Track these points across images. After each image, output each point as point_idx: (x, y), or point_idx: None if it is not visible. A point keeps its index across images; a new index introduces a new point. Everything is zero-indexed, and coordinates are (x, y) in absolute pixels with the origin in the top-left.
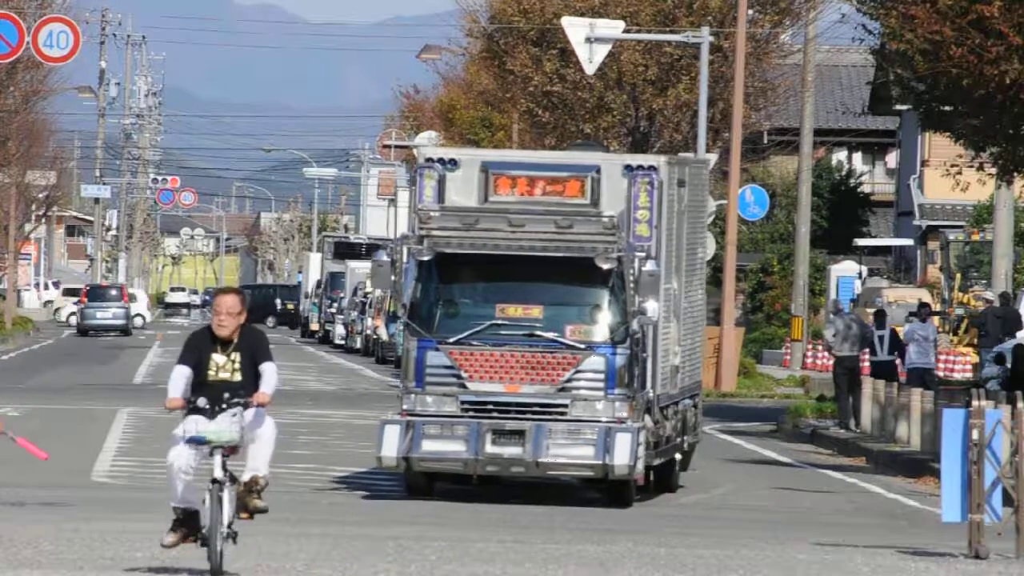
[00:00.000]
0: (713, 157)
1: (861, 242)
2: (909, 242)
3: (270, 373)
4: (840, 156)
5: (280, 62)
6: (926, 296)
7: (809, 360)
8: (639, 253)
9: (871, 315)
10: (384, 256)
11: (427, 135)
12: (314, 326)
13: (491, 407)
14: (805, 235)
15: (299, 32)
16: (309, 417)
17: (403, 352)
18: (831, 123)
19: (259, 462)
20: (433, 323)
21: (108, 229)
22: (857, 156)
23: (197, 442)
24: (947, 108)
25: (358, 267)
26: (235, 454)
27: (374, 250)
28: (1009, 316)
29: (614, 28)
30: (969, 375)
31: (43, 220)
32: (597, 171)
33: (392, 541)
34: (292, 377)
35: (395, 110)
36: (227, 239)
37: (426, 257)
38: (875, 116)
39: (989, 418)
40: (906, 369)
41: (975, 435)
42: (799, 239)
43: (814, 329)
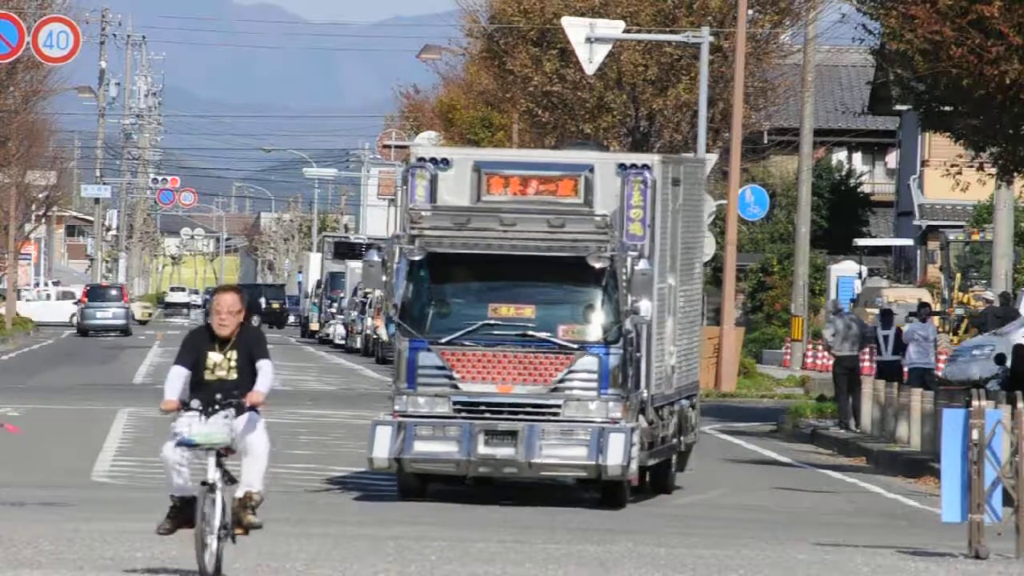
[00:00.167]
0: (713, 157)
1: (861, 242)
2: (909, 242)
3: (266, 372)
4: (840, 156)
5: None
6: (926, 296)
7: (809, 360)
8: (632, 252)
9: (871, 315)
10: (375, 256)
11: (427, 135)
12: (314, 326)
13: (483, 408)
14: (805, 235)
15: (299, 32)
16: (309, 417)
17: (395, 353)
18: (831, 123)
19: (253, 478)
20: (425, 323)
21: (108, 229)
22: (857, 156)
23: (187, 445)
24: (947, 108)
25: (358, 267)
26: (232, 453)
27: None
28: (1009, 316)
29: (614, 28)
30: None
31: (43, 220)
32: (590, 170)
33: (392, 541)
34: (292, 377)
35: (395, 110)
36: (227, 239)
37: (417, 257)
38: (875, 116)
39: (989, 418)
40: (906, 369)
41: (975, 435)
42: (799, 239)
43: (814, 329)
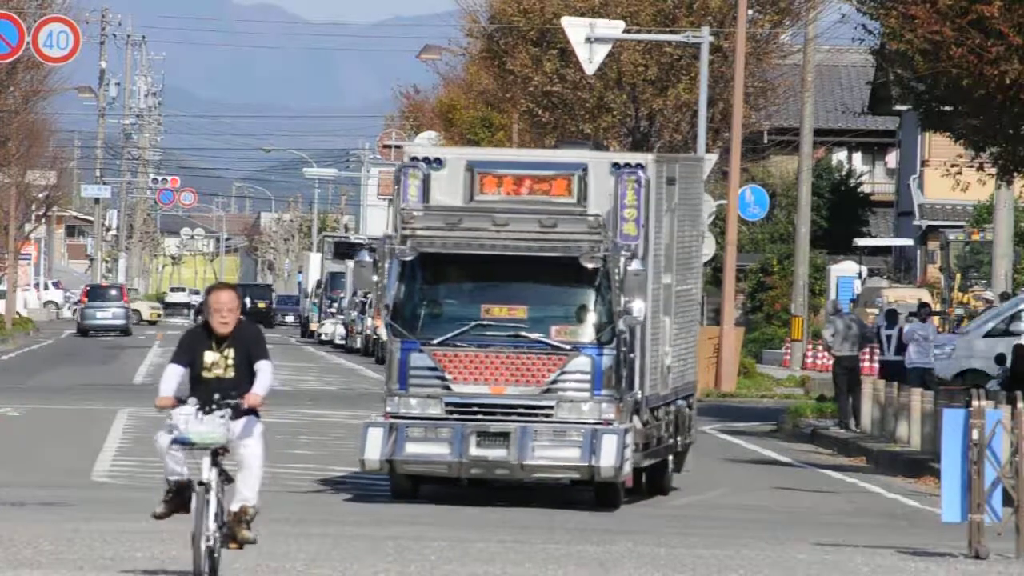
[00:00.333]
0: (713, 157)
1: (861, 242)
2: (909, 242)
3: (264, 373)
4: (840, 156)
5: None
6: (926, 296)
7: (809, 360)
8: (625, 252)
9: (871, 315)
10: (366, 256)
11: (427, 135)
12: (314, 326)
13: (475, 409)
14: (805, 235)
15: (299, 32)
16: (309, 417)
17: (386, 354)
18: (831, 123)
19: (248, 491)
20: (416, 324)
21: (108, 229)
22: (857, 156)
23: (183, 443)
24: (947, 108)
25: None
26: (228, 453)
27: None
28: None
29: (614, 28)
30: None
31: (43, 220)
32: (584, 170)
33: (392, 541)
34: (292, 377)
35: (395, 110)
36: (227, 239)
37: (409, 257)
38: (875, 116)
39: (989, 418)
40: (906, 369)
41: (975, 435)
42: (799, 239)
43: (814, 329)
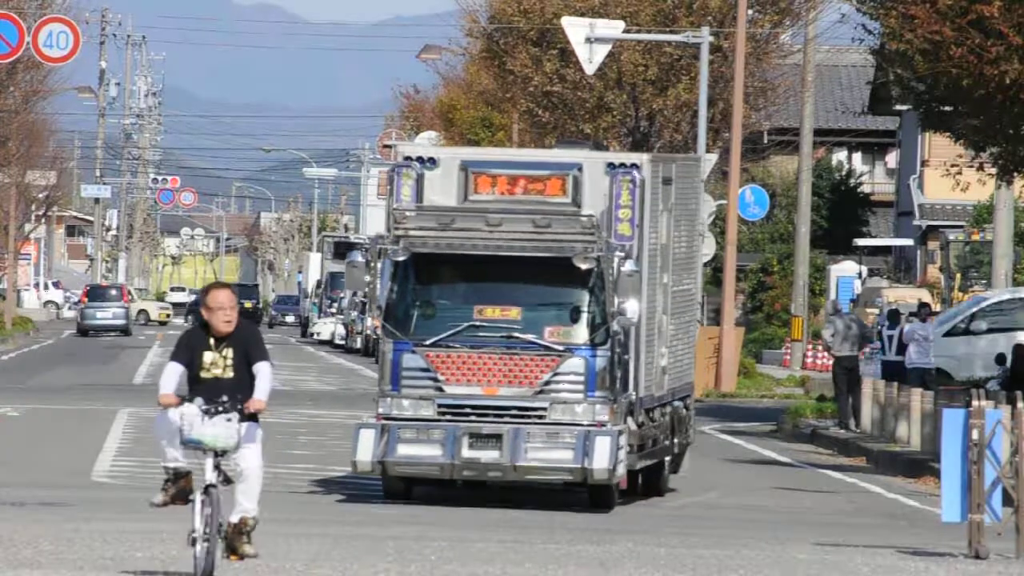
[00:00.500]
0: (713, 157)
1: (861, 242)
2: (909, 242)
3: (264, 376)
4: (840, 156)
5: (280, 62)
6: (926, 296)
7: (809, 360)
8: (619, 253)
9: (871, 315)
10: (359, 257)
11: (427, 135)
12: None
13: (468, 410)
14: (805, 235)
15: (299, 32)
16: (308, 417)
17: (379, 355)
18: (831, 123)
19: (248, 503)
20: (409, 325)
21: (108, 229)
22: (857, 156)
23: (193, 445)
24: (947, 108)
25: None
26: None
27: None
28: None
29: (614, 28)
30: None
31: (43, 220)
32: (579, 169)
33: (392, 541)
34: (291, 377)
35: (395, 110)
36: (227, 239)
37: (401, 258)
38: (875, 116)
39: (989, 418)
40: (906, 369)
41: (975, 435)
42: (799, 239)
43: (814, 329)
